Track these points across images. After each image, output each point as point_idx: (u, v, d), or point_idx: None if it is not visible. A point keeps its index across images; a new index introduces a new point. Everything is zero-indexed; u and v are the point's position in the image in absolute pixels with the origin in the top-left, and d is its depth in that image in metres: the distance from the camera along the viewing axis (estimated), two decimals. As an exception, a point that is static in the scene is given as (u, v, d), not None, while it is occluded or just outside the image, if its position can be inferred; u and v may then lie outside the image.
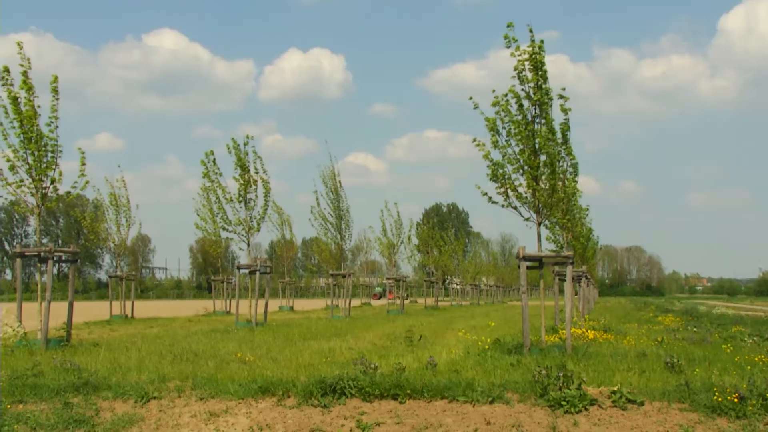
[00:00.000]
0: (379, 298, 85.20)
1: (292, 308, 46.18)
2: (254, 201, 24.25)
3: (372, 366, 9.99)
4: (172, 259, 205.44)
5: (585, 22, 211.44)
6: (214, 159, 24.50)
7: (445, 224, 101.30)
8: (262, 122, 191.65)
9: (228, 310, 39.70)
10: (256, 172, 24.13)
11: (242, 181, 23.91)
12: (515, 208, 14.46)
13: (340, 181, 33.99)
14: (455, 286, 71.71)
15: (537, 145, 13.72)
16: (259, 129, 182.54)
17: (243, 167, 23.84)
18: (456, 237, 68.24)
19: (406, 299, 53.80)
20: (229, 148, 23.95)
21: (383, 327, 23.40)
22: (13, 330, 13.79)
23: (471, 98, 14.19)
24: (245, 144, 24.03)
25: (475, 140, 14.29)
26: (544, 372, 9.17)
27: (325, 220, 33.92)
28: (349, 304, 33.89)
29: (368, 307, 52.40)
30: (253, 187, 24.12)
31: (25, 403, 9.41)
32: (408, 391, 9.19)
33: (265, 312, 25.13)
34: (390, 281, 46.21)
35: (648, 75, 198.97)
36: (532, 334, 15.10)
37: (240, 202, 24.18)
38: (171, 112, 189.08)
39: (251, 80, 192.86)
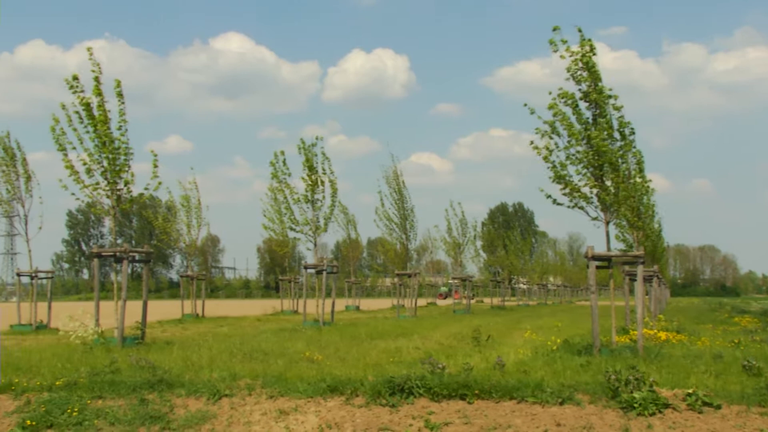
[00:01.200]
0: (445, 298, 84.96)
1: (358, 308, 46.42)
2: (321, 201, 24.46)
3: (439, 366, 9.98)
4: (241, 259, 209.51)
5: (654, 17, 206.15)
6: (285, 159, 24.80)
7: (511, 224, 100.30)
8: (326, 123, 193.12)
9: (295, 309, 40.13)
10: (324, 173, 24.36)
11: (310, 182, 24.14)
12: (581, 208, 14.26)
13: (403, 181, 34.12)
14: (522, 285, 70.94)
15: (596, 145, 13.51)
16: (323, 130, 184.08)
17: (311, 168, 24.07)
18: (522, 237, 67.55)
19: (472, 299, 53.48)
20: (299, 149, 24.23)
21: (449, 327, 23.33)
22: (90, 328, 14.24)
23: (525, 105, 14.06)
24: (314, 145, 24.28)
25: (532, 143, 14.17)
26: (615, 374, 8.99)
27: (390, 220, 34.09)
28: (416, 303, 33.92)
29: (434, 307, 52.30)
30: (321, 187, 24.33)
31: (104, 398, 9.70)
32: (476, 391, 9.14)
33: (332, 311, 25.33)
34: (456, 281, 46.06)
35: (720, 69, 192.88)
36: (602, 335, 14.84)
37: (307, 202, 24.42)
38: (238, 114, 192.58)
39: (316, 81, 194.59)
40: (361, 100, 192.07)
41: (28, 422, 9.01)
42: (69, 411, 9.28)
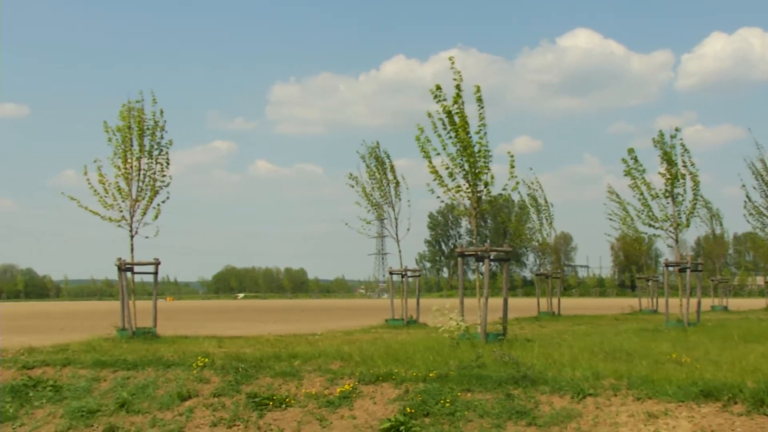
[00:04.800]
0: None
1: (725, 308, 43.10)
2: (682, 196, 23.05)
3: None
4: (594, 256, 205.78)
5: None
6: (636, 156, 23.84)
7: None
8: (680, 113, 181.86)
9: (655, 308, 38.56)
10: (684, 166, 22.93)
11: (669, 176, 22.90)
12: None
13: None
14: None
15: None
16: (677, 120, 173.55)
17: (669, 161, 22.84)
18: None
19: None
20: (655, 142, 23.19)
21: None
22: (458, 324, 15.02)
23: None
24: (672, 137, 23.01)
25: None
26: None
27: (761, 213, 31.03)
28: (796, 304, 30.42)
29: (819, 308, 46.30)
30: (681, 181, 22.95)
31: (472, 392, 10.19)
32: None
33: (698, 311, 23.74)
34: None
35: None
36: None
37: (666, 197, 23.17)
38: (585, 110, 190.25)
39: (668, 70, 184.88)
40: (721, 86, 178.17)
41: (408, 410, 9.84)
42: (442, 402, 9.94)
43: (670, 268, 24.51)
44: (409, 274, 26.76)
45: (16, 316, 47.26)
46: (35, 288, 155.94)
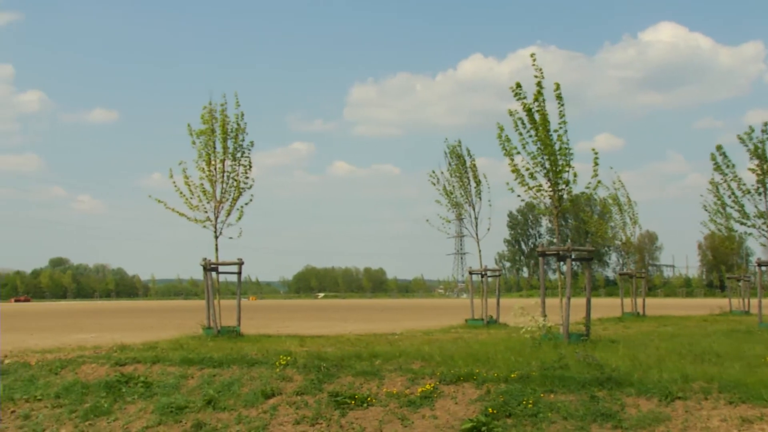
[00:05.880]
0: None
1: (822, 309, 41.07)
2: (775, 192, 22.09)
3: None
4: (680, 256, 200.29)
5: None
6: (725, 152, 22.96)
7: None
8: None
9: (746, 309, 37.20)
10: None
11: (760, 172, 21.99)
12: None
13: None
14: None
15: None
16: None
17: (760, 156, 21.92)
18: None
19: None
20: (740, 139, 22.30)
21: None
22: (539, 324, 14.81)
23: None
24: (763, 131, 22.09)
25: None
26: None
27: None
28: None
29: None
30: (773, 178, 22.01)
31: (555, 393, 10.04)
32: None
33: (794, 312, 22.79)
34: None
35: None
36: None
37: (759, 194, 22.26)
38: (669, 106, 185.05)
39: (759, 63, 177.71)
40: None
41: (490, 410, 9.76)
42: (524, 403, 9.83)
43: (764, 268, 23.55)
44: (488, 273, 26.52)
45: (111, 314, 49.16)
46: (125, 287, 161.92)
